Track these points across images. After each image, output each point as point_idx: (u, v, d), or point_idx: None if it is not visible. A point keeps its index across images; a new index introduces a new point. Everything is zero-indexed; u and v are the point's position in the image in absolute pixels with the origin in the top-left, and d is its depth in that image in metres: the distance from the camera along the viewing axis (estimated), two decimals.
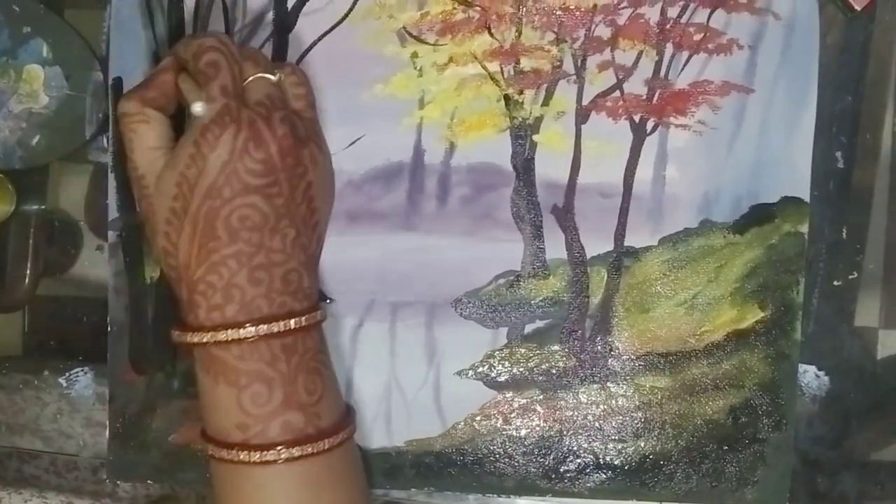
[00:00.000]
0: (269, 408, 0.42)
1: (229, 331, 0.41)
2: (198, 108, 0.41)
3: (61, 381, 0.58)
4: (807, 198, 0.55)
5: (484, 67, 0.55)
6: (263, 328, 0.42)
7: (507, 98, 0.55)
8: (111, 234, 0.56)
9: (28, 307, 0.59)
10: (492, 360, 0.56)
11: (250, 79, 0.43)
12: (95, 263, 0.58)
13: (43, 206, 0.59)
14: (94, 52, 0.56)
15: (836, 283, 0.56)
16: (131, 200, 0.56)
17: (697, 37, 0.55)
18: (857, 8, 0.53)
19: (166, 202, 0.42)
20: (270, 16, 0.55)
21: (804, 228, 0.55)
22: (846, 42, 0.56)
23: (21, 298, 0.59)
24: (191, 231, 0.41)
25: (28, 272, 0.59)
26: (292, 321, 0.43)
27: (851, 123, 0.56)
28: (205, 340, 0.42)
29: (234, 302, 0.42)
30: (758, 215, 0.55)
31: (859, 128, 0.56)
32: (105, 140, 0.56)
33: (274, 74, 0.44)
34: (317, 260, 0.47)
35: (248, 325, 0.42)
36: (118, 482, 0.58)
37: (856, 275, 0.56)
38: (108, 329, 0.56)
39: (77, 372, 0.58)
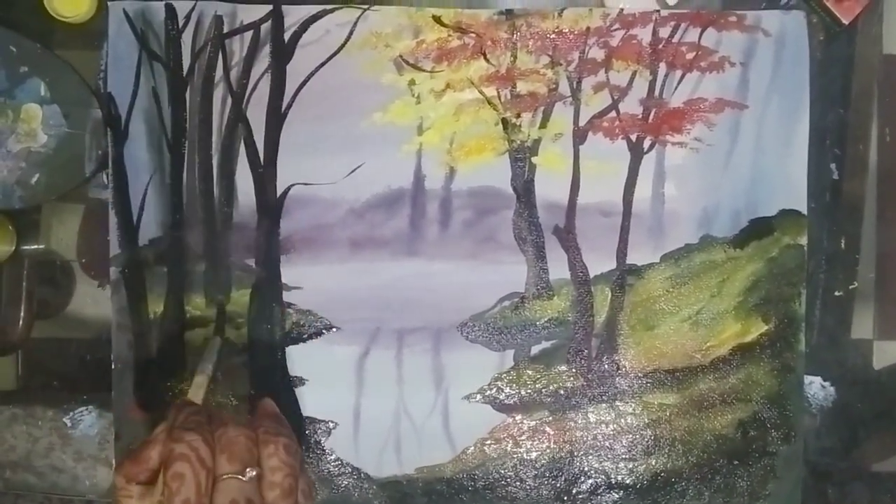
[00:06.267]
0: None
1: None
2: None
3: (66, 420, 0.57)
4: (804, 210, 0.56)
5: (481, 92, 0.56)
6: None
7: (504, 122, 0.56)
8: (113, 271, 0.56)
9: (23, 349, 0.59)
10: (499, 383, 0.56)
11: (222, 478, 0.42)
12: (93, 302, 0.58)
13: (42, 247, 0.58)
14: (91, 90, 0.56)
15: (836, 293, 0.57)
16: (132, 236, 0.56)
17: (690, 55, 0.56)
18: (845, 22, 0.54)
19: None
20: (268, 48, 0.56)
21: (803, 240, 0.56)
22: (834, 56, 0.57)
23: (16, 341, 0.58)
24: None
25: (22, 314, 0.58)
26: None
27: (843, 135, 0.57)
28: None
29: None
30: (757, 229, 0.56)
31: (850, 139, 0.57)
32: (105, 177, 0.56)
33: (246, 473, 0.42)
34: None
35: None
36: None
37: (856, 284, 0.57)
38: (113, 366, 0.56)
39: (81, 411, 0.57)
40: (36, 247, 0.58)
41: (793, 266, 0.56)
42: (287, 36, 0.56)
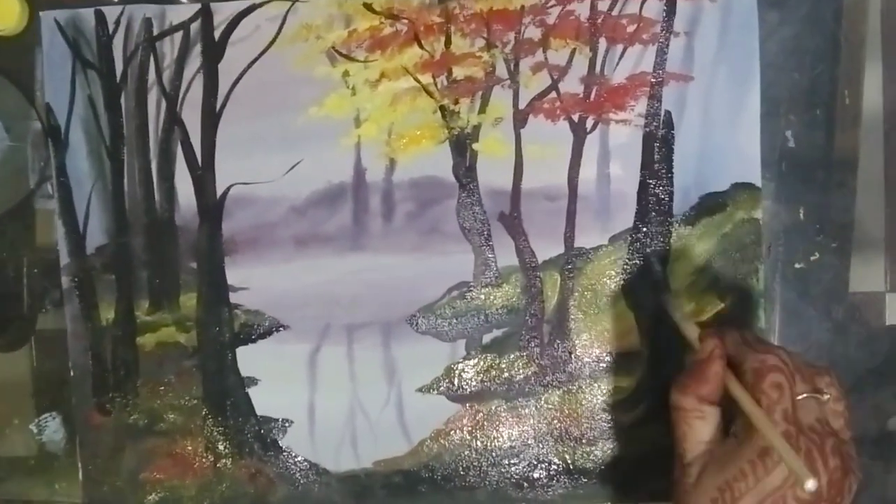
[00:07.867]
0: None
1: None
2: (810, 484, 0.39)
3: (31, 427, 0.58)
4: (758, 182, 0.54)
5: (416, 80, 0.54)
6: None
7: (442, 109, 0.54)
8: (65, 280, 0.57)
9: None
10: (452, 374, 0.56)
11: (800, 397, 0.42)
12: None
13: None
14: (29, 102, 0.56)
15: (797, 265, 0.55)
16: (80, 245, 0.56)
17: (631, 28, 0.53)
18: None
19: (703, 498, 0.42)
20: (199, 48, 0.55)
21: (758, 214, 0.54)
22: (788, 16, 0.54)
23: None
24: None
25: None
26: None
27: (801, 101, 0.54)
28: None
29: None
30: (708, 205, 0.54)
31: (810, 105, 0.54)
32: (49, 187, 0.57)
33: (822, 393, 0.42)
34: None
35: None
36: None
37: (818, 255, 0.55)
38: (71, 373, 0.57)
39: (45, 417, 0.58)
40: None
41: (748, 241, 0.54)
42: (217, 34, 0.55)
